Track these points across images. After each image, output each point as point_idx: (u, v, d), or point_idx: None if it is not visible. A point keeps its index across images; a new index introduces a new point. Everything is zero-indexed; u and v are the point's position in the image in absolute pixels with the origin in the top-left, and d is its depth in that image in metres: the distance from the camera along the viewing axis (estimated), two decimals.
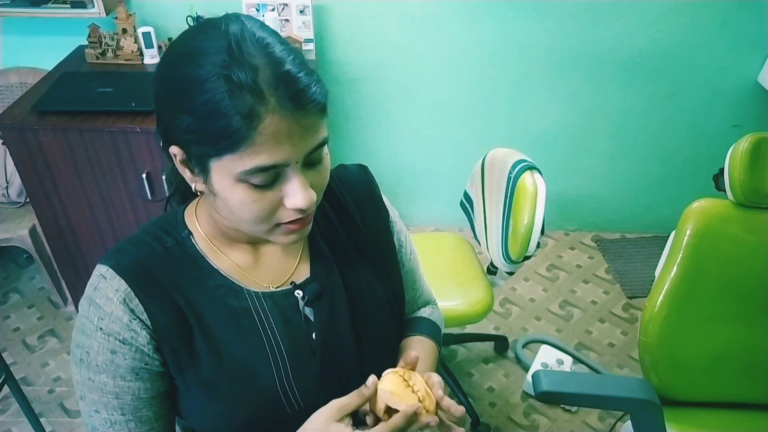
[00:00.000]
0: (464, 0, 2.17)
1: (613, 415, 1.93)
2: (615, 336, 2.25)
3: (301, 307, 0.79)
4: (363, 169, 0.91)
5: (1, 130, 1.83)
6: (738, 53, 2.25)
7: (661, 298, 1.31)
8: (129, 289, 0.72)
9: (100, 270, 0.74)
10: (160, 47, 2.13)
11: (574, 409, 1.98)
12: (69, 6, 2.04)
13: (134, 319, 0.71)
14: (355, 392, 0.72)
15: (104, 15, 2.03)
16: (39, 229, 2.08)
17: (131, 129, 1.78)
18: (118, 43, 2.11)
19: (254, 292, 0.78)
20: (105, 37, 2.11)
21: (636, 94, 2.37)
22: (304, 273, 0.81)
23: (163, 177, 0.82)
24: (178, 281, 0.75)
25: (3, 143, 1.91)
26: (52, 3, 2.06)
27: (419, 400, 0.72)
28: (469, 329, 2.22)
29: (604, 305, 2.38)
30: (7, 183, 2.20)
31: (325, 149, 0.70)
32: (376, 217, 0.88)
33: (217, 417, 0.76)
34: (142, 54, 2.12)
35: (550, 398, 1.14)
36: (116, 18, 2.08)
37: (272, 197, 0.66)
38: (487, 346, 2.21)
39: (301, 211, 0.68)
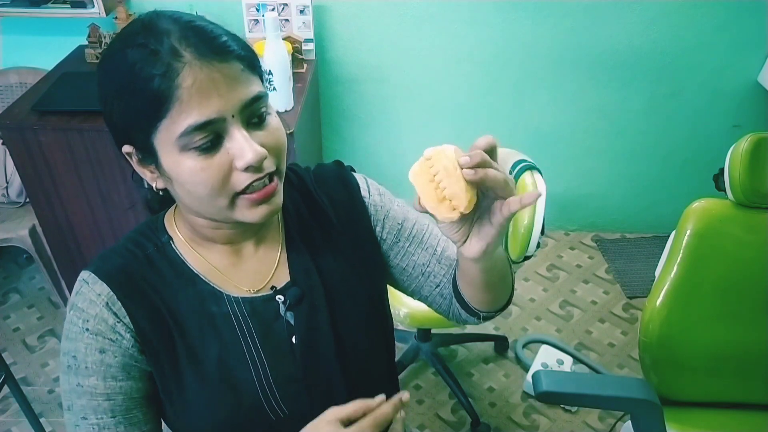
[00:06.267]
0: (464, 0, 2.17)
1: (613, 415, 1.93)
2: (615, 336, 2.24)
3: (282, 312, 0.79)
4: (338, 165, 0.90)
5: (1, 130, 1.83)
6: (738, 53, 2.25)
7: (661, 298, 1.31)
8: (111, 292, 0.72)
9: (83, 276, 0.75)
10: None
11: (574, 409, 1.98)
12: (69, 6, 2.04)
13: (118, 321, 0.72)
14: (359, 401, 0.71)
15: (104, 15, 2.03)
16: (39, 229, 2.08)
17: None
18: None
19: (234, 297, 0.77)
20: (105, 37, 2.11)
21: (636, 94, 2.36)
22: (283, 276, 0.80)
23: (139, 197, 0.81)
24: (159, 288, 0.75)
25: (3, 143, 1.91)
26: (52, 3, 2.06)
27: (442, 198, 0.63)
28: (470, 329, 2.22)
29: (604, 305, 2.38)
30: (7, 183, 2.20)
31: (273, 113, 0.70)
32: (353, 213, 0.86)
33: (199, 424, 0.76)
34: None
35: (550, 398, 1.13)
36: (116, 18, 2.08)
37: (220, 161, 0.65)
38: (487, 346, 2.21)
39: (254, 170, 0.66)
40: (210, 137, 0.64)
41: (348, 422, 0.70)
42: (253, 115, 0.67)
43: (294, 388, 0.77)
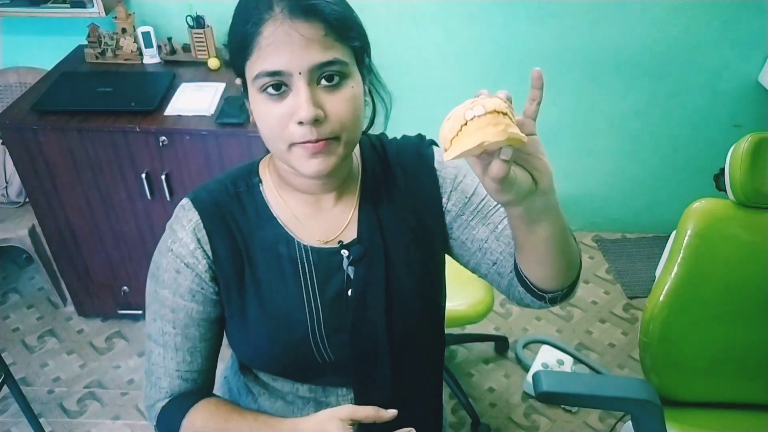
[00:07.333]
0: (465, 0, 2.17)
1: (614, 415, 1.93)
2: (615, 336, 2.24)
3: (345, 266, 0.85)
4: (419, 138, 0.96)
5: (0, 129, 1.83)
6: (738, 53, 2.25)
7: (661, 298, 1.31)
8: (200, 220, 0.82)
9: (182, 202, 0.85)
10: (159, 47, 2.12)
11: (574, 409, 1.98)
12: (68, 6, 2.04)
13: (199, 248, 0.81)
14: (373, 407, 0.76)
15: (104, 14, 2.03)
16: (38, 229, 2.08)
17: (131, 129, 1.78)
18: (117, 42, 2.11)
19: (303, 245, 0.84)
20: (104, 37, 2.11)
21: (636, 94, 2.36)
22: (351, 232, 0.86)
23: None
24: (240, 223, 0.84)
25: (2, 143, 1.91)
26: (52, 2, 2.06)
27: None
28: (470, 329, 2.22)
29: (605, 305, 2.38)
30: (7, 183, 2.20)
31: (354, 84, 0.74)
32: (421, 183, 0.90)
33: (253, 350, 0.86)
34: (141, 54, 2.12)
35: (551, 399, 1.13)
36: (116, 17, 2.07)
37: (282, 110, 0.72)
38: (488, 347, 2.20)
39: (309, 129, 0.71)
40: (278, 86, 0.71)
41: (357, 424, 0.76)
42: (324, 78, 0.72)
43: (342, 337, 0.84)
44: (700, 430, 1.36)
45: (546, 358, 2.05)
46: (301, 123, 0.71)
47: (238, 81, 0.79)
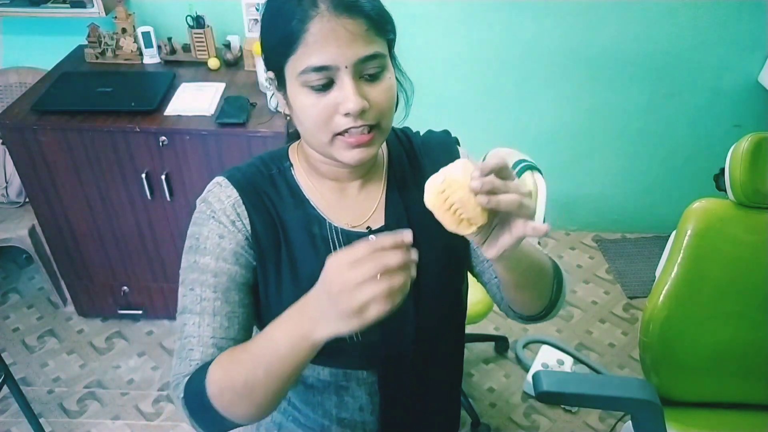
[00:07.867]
0: (465, 0, 2.17)
1: (614, 415, 1.93)
2: (615, 336, 2.24)
3: None
4: (446, 134, 0.99)
5: (0, 129, 1.83)
6: (738, 53, 2.25)
7: (661, 298, 1.31)
8: (239, 197, 0.85)
9: (217, 179, 0.87)
10: (159, 47, 2.12)
11: (574, 409, 1.98)
12: (68, 6, 2.04)
13: (238, 220, 0.84)
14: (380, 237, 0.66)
15: (104, 14, 2.03)
16: (38, 229, 2.08)
17: (131, 129, 1.78)
18: (117, 42, 2.11)
19: (334, 226, 0.87)
20: (104, 37, 2.11)
21: (637, 94, 2.36)
22: (379, 219, 0.89)
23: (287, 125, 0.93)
24: (276, 202, 0.87)
25: (2, 143, 1.91)
26: (52, 3, 2.06)
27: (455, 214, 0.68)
28: (470, 329, 2.20)
29: (605, 305, 2.38)
30: (7, 183, 2.20)
31: (390, 75, 0.79)
32: None
33: None
34: (141, 54, 2.12)
35: (551, 399, 1.13)
36: (116, 18, 2.07)
37: (327, 102, 0.75)
38: (488, 347, 2.20)
39: (354, 118, 0.75)
40: (323, 80, 0.74)
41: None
42: (366, 71, 0.76)
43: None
44: (700, 430, 1.36)
45: (546, 358, 2.05)
46: (347, 114, 0.75)
47: (271, 74, 0.81)
